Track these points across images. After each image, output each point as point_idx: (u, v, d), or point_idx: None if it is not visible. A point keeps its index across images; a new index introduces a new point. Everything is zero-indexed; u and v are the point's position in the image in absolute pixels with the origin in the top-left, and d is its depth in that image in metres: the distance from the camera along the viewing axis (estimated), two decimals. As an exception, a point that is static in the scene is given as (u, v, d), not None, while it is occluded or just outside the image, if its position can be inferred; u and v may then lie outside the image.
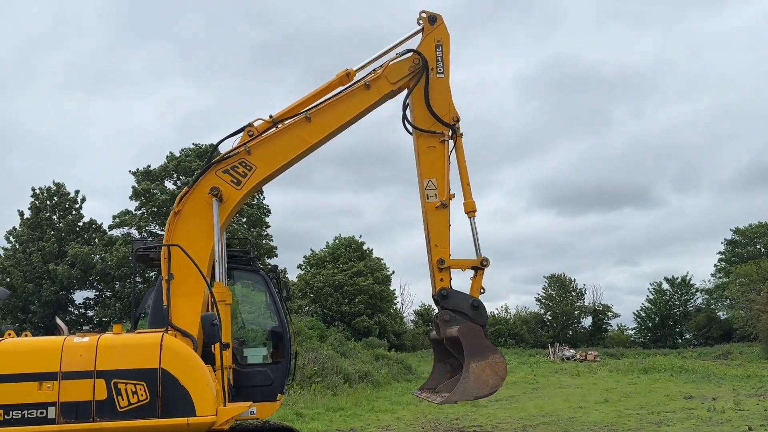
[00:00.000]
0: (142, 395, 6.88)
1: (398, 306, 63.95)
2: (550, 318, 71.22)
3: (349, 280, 54.50)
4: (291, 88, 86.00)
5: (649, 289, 70.84)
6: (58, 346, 7.01)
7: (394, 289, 60.50)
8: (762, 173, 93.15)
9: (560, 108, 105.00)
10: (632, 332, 71.75)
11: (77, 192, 45.70)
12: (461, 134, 8.83)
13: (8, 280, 42.07)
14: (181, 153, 43.67)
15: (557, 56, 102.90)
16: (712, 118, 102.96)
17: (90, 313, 44.59)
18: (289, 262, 72.63)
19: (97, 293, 44.74)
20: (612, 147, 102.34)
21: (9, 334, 7.52)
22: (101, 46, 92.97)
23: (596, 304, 70.81)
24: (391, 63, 8.76)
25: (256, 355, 8.96)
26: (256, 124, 8.47)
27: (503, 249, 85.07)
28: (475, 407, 19.59)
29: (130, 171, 43.58)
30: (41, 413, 6.75)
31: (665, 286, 70.06)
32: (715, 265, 68.78)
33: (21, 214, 44.40)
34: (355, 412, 18.42)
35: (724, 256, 68.08)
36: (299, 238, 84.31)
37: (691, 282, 69.56)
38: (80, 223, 45.16)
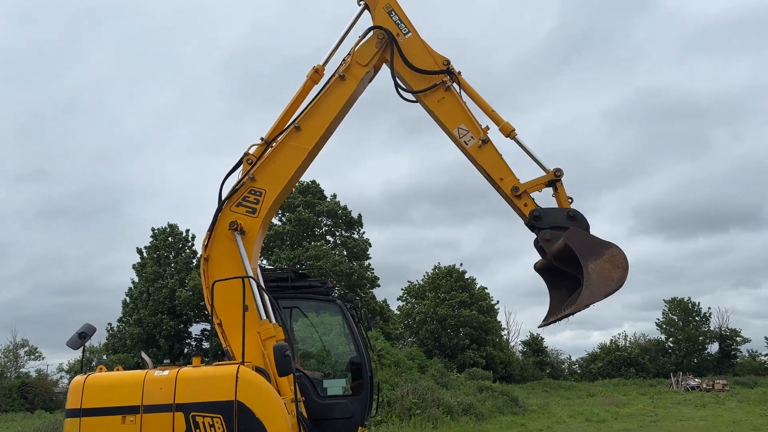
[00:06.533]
0: (219, 428, 6.85)
1: (505, 335, 62.44)
2: (672, 345, 66.87)
3: (452, 311, 53.81)
4: (384, 137, 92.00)
5: (781, 311, 65.12)
6: (140, 379, 7.13)
7: (500, 321, 59.21)
8: None
9: (654, 136, 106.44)
10: (766, 359, 65.82)
11: (187, 231, 49.09)
12: (459, 72, 8.58)
13: (138, 314, 45.33)
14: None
15: (644, 89, 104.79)
16: None
17: (206, 345, 46.64)
18: (391, 293, 74.72)
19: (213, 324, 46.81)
20: (714, 169, 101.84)
21: (100, 369, 7.76)
22: (220, 116, 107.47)
23: (723, 328, 65.81)
24: (357, 47, 8.67)
25: (336, 386, 8.80)
26: (251, 150, 8.50)
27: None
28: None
29: None
30: (125, 446, 6.90)
31: (800, 307, 64.12)
32: None
33: (140, 251, 48.59)
34: (456, 445, 17.87)
35: None
36: (399, 270, 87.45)
37: (831, 302, 63.26)
38: (195, 260, 48.12)
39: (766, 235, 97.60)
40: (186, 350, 46.55)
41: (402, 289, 59.38)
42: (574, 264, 7.64)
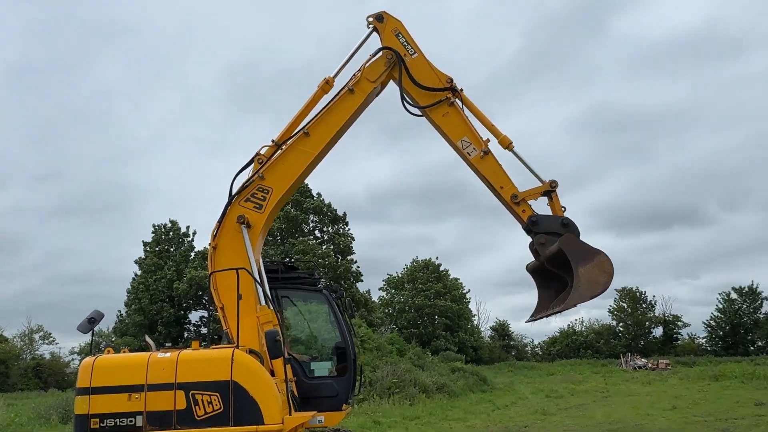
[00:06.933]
0: (216, 405, 6.87)
1: (476, 322, 62.74)
2: (622, 329, 67.60)
3: (428, 302, 53.97)
4: (367, 143, 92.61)
5: (717, 299, 65.88)
6: (144, 361, 7.09)
7: (471, 309, 59.56)
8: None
9: (607, 145, 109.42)
10: (703, 341, 66.86)
11: (188, 227, 49.04)
12: (461, 89, 8.57)
13: (139, 302, 44.89)
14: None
15: (598, 103, 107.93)
16: (749, 146, 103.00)
17: (203, 330, 46.33)
18: (373, 285, 75.50)
19: (211, 312, 46.54)
20: (658, 175, 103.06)
21: (108, 351, 7.69)
22: (218, 122, 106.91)
23: (666, 314, 66.68)
24: (367, 65, 8.62)
25: (322, 368, 8.76)
26: (262, 151, 8.42)
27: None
28: (543, 415, 18.63)
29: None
30: (130, 421, 6.85)
31: (733, 295, 64.99)
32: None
33: (145, 244, 48.12)
34: (430, 420, 17.88)
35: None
36: (381, 264, 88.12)
37: (759, 291, 64.26)
38: (192, 253, 47.84)
39: (704, 232, 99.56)
40: (186, 335, 46.17)
41: (383, 281, 59.52)
42: (564, 267, 7.69)
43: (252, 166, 8.39)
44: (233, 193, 8.25)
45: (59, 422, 19.04)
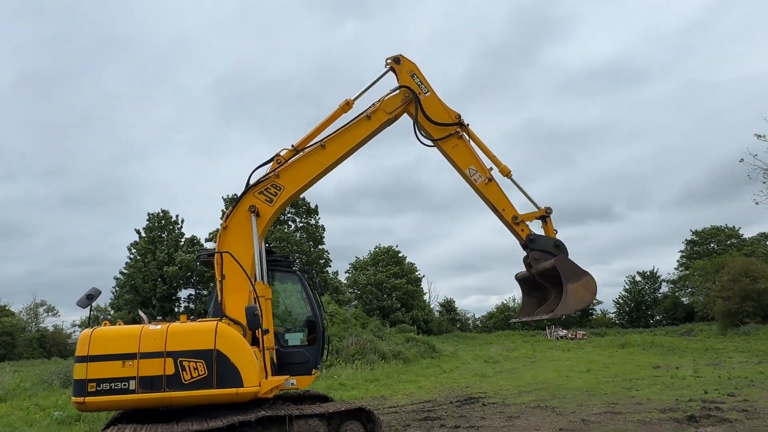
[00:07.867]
0: (201, 370, 6.74)
1: (427, 299, 63.26)
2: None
3: (387, 279, 54.21)
4: None
5: (624, 281, 68.50)
6: (137, 332, 6.89)
7: (423, 288, 60.04)
8: (694, 195, 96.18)
9: (537, 154, 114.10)
10: (613, 315, 69.05)
11: (177, 215, 47.92)
12: (467, 124, 8.54)
13: (132, 282, 43.65)
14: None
15: (530, 119, 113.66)
16: (650, 156, 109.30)
17: (192, 306, 45.41)
18: (340, 268, 75.74)
19: (198, 290, 45.72)
20: (577, 179, 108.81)
21: (105, 324, 7.42)
22: (210, 126, 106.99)
23: (583, 294, 68.64)
24: (386, 98, 8.52)
25: (295, 338, 8.67)
26: (282, 153, 8.26)
27: (506, 255, 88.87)
28: (481, 377, 18.91)
29: (222, 197, 45.15)
30: (124, 385, 6.66)
31: (637, 278, 67.47)
32: (678, 260, 65.99)
33: (138, 232, 46.88)
34: (387, 382, 17.93)
35: (685, 253, 65.15)
36: (348, 250, 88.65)
37: (658, 275, 66.93)
38: (182, 240, 46.78)
39: (613, 227, 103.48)
40: (176, 310, 45.23)
41: (349, 264, 59.51)
42: (552, 282, 7.71)
43: (271, 164, 8.18)
44: (250, 184, 8.03)
45: (60, 387, 18.33)
